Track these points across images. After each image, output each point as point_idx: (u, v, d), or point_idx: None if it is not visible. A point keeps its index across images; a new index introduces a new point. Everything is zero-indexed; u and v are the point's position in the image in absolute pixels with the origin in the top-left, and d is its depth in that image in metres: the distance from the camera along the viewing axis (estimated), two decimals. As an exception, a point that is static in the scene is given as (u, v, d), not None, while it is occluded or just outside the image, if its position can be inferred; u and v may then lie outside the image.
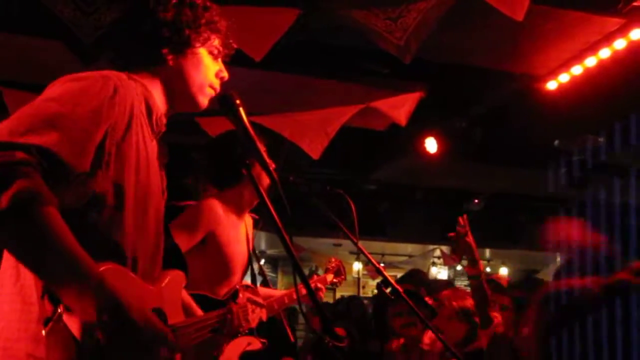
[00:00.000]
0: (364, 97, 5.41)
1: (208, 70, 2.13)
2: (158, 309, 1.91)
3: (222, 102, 2.07)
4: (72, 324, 1.55)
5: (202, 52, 2.11)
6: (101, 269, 1.65)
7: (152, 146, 2.02)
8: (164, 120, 2.09)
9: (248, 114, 2.08)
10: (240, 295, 3.15)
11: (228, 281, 3.52)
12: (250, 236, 3.77)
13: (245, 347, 3.48)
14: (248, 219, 3.77)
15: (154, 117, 2.03)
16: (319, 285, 4.11)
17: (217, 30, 2.14)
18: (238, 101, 2.05)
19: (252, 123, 2.11)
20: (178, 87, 2.09)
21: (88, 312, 1.54)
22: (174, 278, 2.10)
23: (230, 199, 3.56)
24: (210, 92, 2.14)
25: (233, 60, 2.30)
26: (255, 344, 3.50)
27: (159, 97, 2.06)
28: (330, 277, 4.34)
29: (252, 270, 3.82)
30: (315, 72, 5.38)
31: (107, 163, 1.78)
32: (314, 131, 5.48)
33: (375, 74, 5.53)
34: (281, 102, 5.60)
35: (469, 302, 4.38)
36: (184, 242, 3.34)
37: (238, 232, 3.62)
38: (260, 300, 3.22)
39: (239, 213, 3.62)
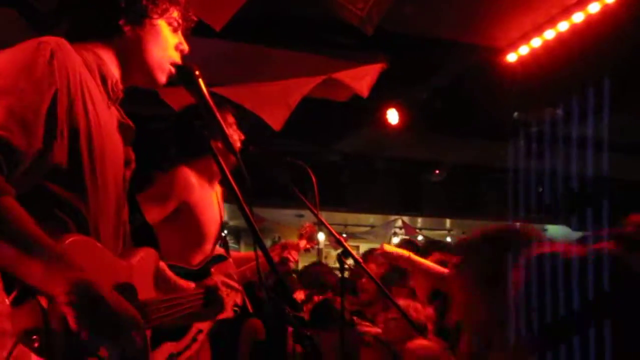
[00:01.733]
0: (326, 68, 5.39)
1: (167, 43, 2.07)
2: (127, 284, 1.89)
3: (181, 74, 2.04)
4: (42, 301, 1.53)
5: (161, 24, 2.05)
6: (66, 242, 1.63)
7: (110, 114, 1.97)
8: (120, 87, 2.03)
9: (208, 85, 2.06)
10: (215, 279, 3.12)
11: (201, 249, 3.53)
12: (221, 205, 3.76)
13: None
14: (218, 187, 3.76)
15: (110, 83, 1.97)
16: (292, 252, 4.12)
17: (176, 2, 2.09)
18: (197, 72, 2.02)
19: (213, 94, 2.09)
20: (135, 60, 2.03)
21: (54, 293, 1.52)
22: (146, 255, 2.08)
23: (200, 167, 3.54)
24: (169, 68, 2.08)
25: (192, 29, 2.26)
26: (226, 312, 3.55)
27: (115, 67, 2.00)
28: (303, 242, 4.34)
29: (222, 239, 3.84)
30: (276, 43, 5.33)
31: (62, 131, 1.73)
32: (275, 102, 5.45)
33: (337, 45, 5.51)
34: (242, 72, 5.55)
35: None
36: (155, 214, 3.33)
37: (211, 199, 3.62)
38: (235, 284, 3.19)
39: (210, 181, 3.62)
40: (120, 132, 2.04)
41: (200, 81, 2.02)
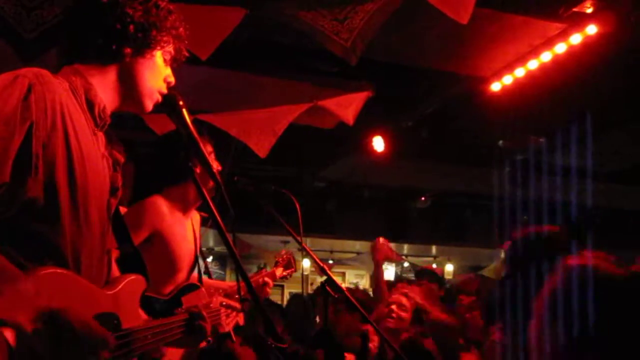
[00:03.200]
0: (312, 95, 5.41)
1: (160, 73, 2.09)
2: (109, 314, 1.88)
3: (165, 102, 2.06)
4: (7, 332, 1.51)
5: (158, 54, 2.07)
6: (40, 273, 1.62)
7: (94, 140, 1.96)
8: (108, 112, 2.03)
9: (194, 112, 2.08)
10: (214, 299, 3.08)
11: (173, 279, 3.49)
12: (198, 234, 3.73)
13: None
14: (195, 216, 3.73)
15: (97, 109, 1.97)
16: (266, 279, 4.09)
17: (178, 37, 2.10)
18: (181, 102, 2.04)
19: (199, 121, 2.11)
20: (128, 87, 2.04)
21: (22, 321, 1.51)
22: (132, 282, 2.07)
23: (175, 196, 3.53)
24: (157, 97, 2.09)
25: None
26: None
27: (106, 92, 2.00)
28: (279, 270, 4.32)
29: (199, 268, 3.81)
30: (263, 70, 5.36)
31: (36, 166, 1.73)
32: (261, 129, 5.46)
33: (323, 73, 5.55)
34: (228, 99, 5.56)
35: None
36: None
37: (184, 229, 3.59)
38: (236, 304, 3.15)
39: (185, 210, 3.59)
40: (107, 159, 2.04)
41: (184, 110, 2.03)
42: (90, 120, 1.95)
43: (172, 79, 2.14)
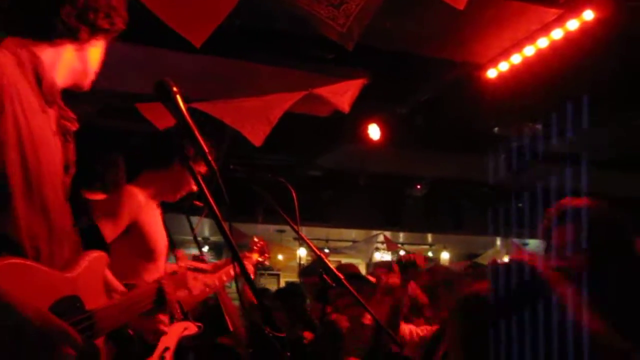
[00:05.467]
0: (307, 83, 5.38)
1: (97, 52, 2.11)
2: (71, 297, 1.84)
3: (158, 89, 2.02)
4: None
5: (94, 31, 2.05)
6: None
7: (45, 118, 1.92)
8: (58, 88, 2.00)
9: (189, 101, 2.04)
10: (180, 263, 3.05)
11: (155, 266, 3.51)
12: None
13: (182, 332, 3.51)
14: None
15: (45, 85, 1.92)
16: (246, 263, 4.11)
17: (120, 16, 2.09)
18: (175, 88, 2.00)
19: (193, 110, 2.07)
20: (76, 64, 2.04)
21: None
22: (94, 260, 2.03)
23: (150, 184, 3.53)
24: (93, 77, 2.13)
25: (173, 45, 2.25)
26: (191, 328, 3.54)
27: (56, 69, 1.98)
28: (255, 256, 4.32)
29: (195, 257, 3.84)
30: (257, 58, 5.32)
31: None
32: (256, 117, 5.42)
33: (318, 60, 5.51)
34: (223, 88, 5.52)
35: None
36: (109, 232, 3.30)
37: (158, 218, 3.61)
38: (204, 266, 3.13)
39: (158, 199, 3.60)
40: (59, 136, 2.00)
41: (178, 97, 1.99)
42: (39, 96, 1.90)
43: (100, 58, 2.15)
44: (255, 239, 4.38)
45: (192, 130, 1.97)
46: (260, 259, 4.39)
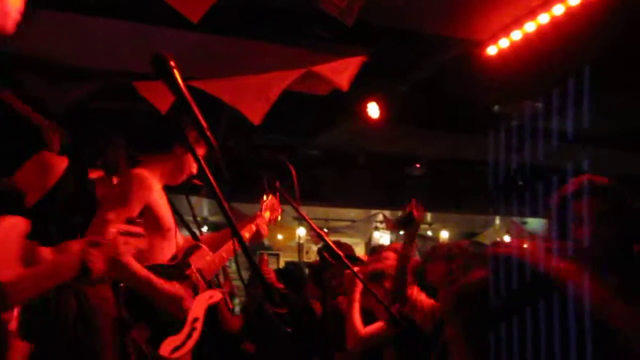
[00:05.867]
0: (306, 61, 5.33)
1: None
2: None
3: (155, 63, 1.98)
4: None
5: None
6: None
7: None
8: None
9: (187, 79, 2.00)
10: (109, 229, 2.95)
11: (169, 245, 3.60)
12: None
13: (208, 300, 3.67)
14: None
15: None
16: (258, 222, 4.11)
17: None
18: (172, 63, 1.96)
19: (191, 88, 2.04)
20: None
21: None
22: (7, 228, 1.96)
23: (155, 167, 3.61)
24: (17, 18, 2.07)
25: (171, 22, 2.21)
26: (216, 296, 3.70)
27: None
28: (267, 214, 4.30)
29: (195, 236, 3.88)
30: (256, 35, 5.27)
31: None
32: (254, 96, 5.38)
33: (317, 38, 5.46)
34: (221, 66, 5.47)
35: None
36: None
37: (164, 197, 3.68)
38: (136, 229, 3.03)
39: (162, 182, 3.67)
40: None
41: (176, 72, 1.95)
42: None
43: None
44: (264, 197, 4.35)
45: (191, 105, 1.94)
46: (272, 218, 4.37)
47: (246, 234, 3.95)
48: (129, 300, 3.30)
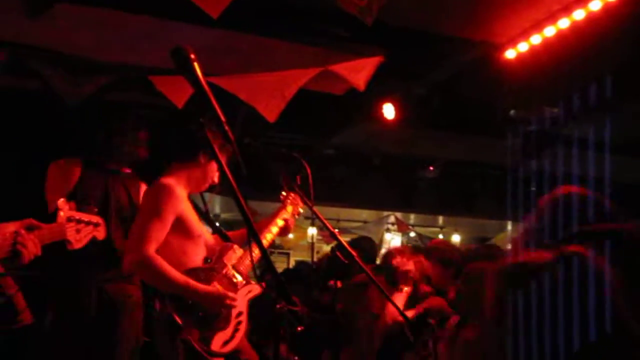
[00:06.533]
0: (323, 59, 5.32)
1: None
2: None
3: (175, 56, 1.97)
4: None
5: None
6: None
7: None
8: None
9: (204, 75, 2.00)
10: (61, 213, 2.83)
11: (199, 246, 3.77)
12: None
13: (248, 295, 3.84)
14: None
15: None
16: (284, 216, 4.22)
17: None
18: (192, 55, 1.95)
19: (208, 84, 2.03)
20: None
21: None
22: None
23: (181, 176, 3.74)
24: None
25: (189, 18, 2.20)
26: (255, 289, 3.85)
27: None
28: (290, 209, 4.30)
29: (226, 237, 4.08)
30: (273, 33, 5.26)
31: None
32: (270, 93, 5.36)
33: (335, 37, 5.44)
34: (238, 63, 5.47)
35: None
36: (158, 233, 3.53)
37: (190, 206, 3.83)
38: (90, 217, 2.94)
39: (188, 191, 3.83)
40: None
41: (196, 65, 1.95)
42: None
43: None
44: (284, 193, 4.34)
45: (210, 98, 1.93)
46: (296, 212, 4.38)
47: (274, 228, 4.07)
48: (177, 304, 3.46)
